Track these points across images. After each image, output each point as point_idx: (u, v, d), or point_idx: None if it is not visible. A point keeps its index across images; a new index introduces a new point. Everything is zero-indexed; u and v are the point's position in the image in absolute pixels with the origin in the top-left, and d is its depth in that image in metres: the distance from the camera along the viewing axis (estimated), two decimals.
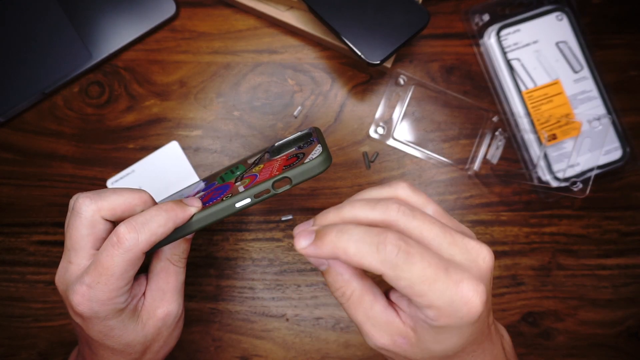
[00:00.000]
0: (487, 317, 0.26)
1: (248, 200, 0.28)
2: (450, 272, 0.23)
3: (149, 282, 0.32)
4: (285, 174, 0.28)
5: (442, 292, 0.23)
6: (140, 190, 0.31)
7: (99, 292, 0.28)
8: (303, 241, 0.25)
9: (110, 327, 0.29)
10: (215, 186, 0.33)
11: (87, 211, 0.29)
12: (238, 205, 0.29)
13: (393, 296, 0.27)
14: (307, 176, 0.28)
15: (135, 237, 0.27)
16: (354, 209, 0.26)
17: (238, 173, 0.34)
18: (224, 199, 0.29)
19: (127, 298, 0.29)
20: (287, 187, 0.28)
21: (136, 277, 0.32)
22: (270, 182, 0.28)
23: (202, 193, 0.33)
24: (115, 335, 0.30)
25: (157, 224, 0.28)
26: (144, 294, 0.32)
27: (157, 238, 0.28)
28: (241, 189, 0.29)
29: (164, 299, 0.31)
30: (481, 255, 0.25)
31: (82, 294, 0.28)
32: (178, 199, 0.31)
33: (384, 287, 0.28)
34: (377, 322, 0.26)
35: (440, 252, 0.25)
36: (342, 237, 0.24)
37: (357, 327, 0.28)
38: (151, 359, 0.32)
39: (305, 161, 0.28)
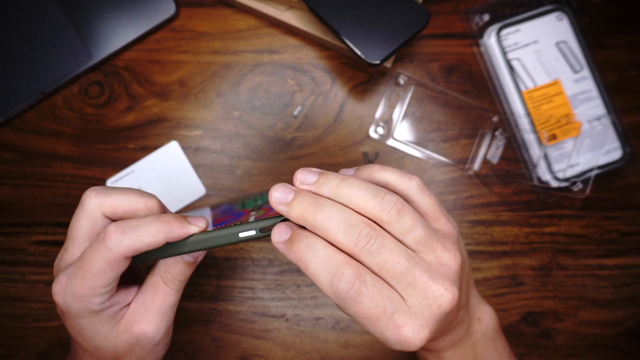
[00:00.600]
0: (457, 307, 0.28)
1: (252, 233, 0.26)
2: (394, 317, 0.24)
3: (138, 294, 0.30)
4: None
5: (381, 331, 0.24)
6: (149, 195, 0.30)
7: (74, 286, 0.27)
8: (278, 236, 0.26)
9: (80, 326, 0.28)
10: (233, 211, 0.32)
11: (90, 204, 0.29)
12: (242, 235, 0.27)
13: None
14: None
15: (120, 238, 0.26)
16: (351, 196, 0.26)
17: (259, 202, 0.32)
18: (231, 225, 0.27)
19: (104, 301, 0.28)
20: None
21: (127, 285, 0.30)
22: (280, 218, 0.26)
23: (219, 215, 0.32)
24: (85, 335, 0.29)
25: (146, 232, 0.27)
26: (129, 304, 0.30)
27: (143, 246, 0.27)
28: (252, 219, 0.28)
29: (144, 316, 0.29)
30: (437, 302, 0.25)
31: (61, 284, 0.27)
32: (199, 216, 0.29)
33: None
34: None
35: (396, 289, 0.25)
36: (308, 253, 0.25)
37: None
38: None
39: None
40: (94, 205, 0.28)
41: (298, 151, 0.46)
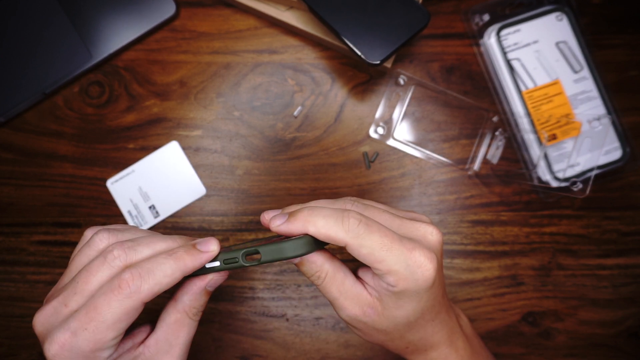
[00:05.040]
0: (440, 287, 0.29)
1: (217, 263, 0.27)
2: (404, 242, 0.27)
3: (157, 330, 0.29)
4: (257, 247, 0.26)
5: (398, 257, 0.27)
6: (176, 239, 0.28)
7: (82, 342, 0.24)
8: (278, 221, 0.27)
9: None
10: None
11: (111, 257, 0.26)
12: (208, 265, 0.27)
13: (360, 272, 0.30)
14: (276, 256, 0.26)
15: (139, 284, 0.25)
16: (318, 203, 0.30)
17: (248, 244, 0.32)
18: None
19: (112, 354, 0.26)
20: (255, 263, 0.26)
21: (135, 329, 0.29)
22: (240, 252, 0.27)
23: None
24: None
25: (162, 274, 0.26)
26: (143, 343, 0.28)
27: (162, 288, 0.26)
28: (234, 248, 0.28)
29: (169, 352, 0.28)
30: (428, 231, 0.29)
31: (63, 344, 0.25)
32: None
33: (351, 267, 0.31)
34: (349, 295, 0.29)
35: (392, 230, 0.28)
36: (312, 213, 0.27)
37: (331, 303, 0.30)
38: None
39: (284, 240, 0.26)
40: (118, 259, 0.26)
41: (298, 151, 0.46)
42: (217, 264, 0.27)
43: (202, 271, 0.28)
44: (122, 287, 0.25)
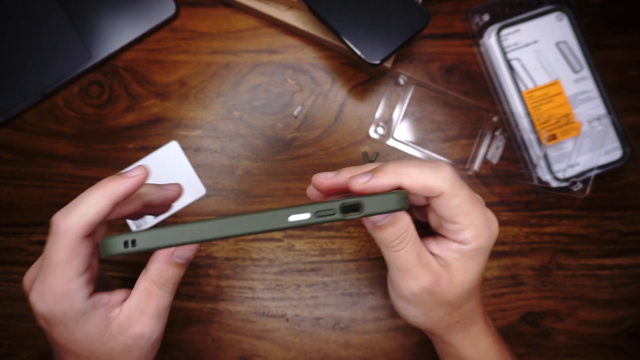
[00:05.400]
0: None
1: (306, 215, 0.23)
2: (479, 199, 0.29)
3: (131, 297, 0.29)
4: (358, 199, 0.24)
5: (480, 211, 0.28)
6: (102, 187, 0.28)
7: (50, 287, 0.27)
8: (362, 178, 0.26)
9: (70, 331, 0.28)
10: None
11: (61, 228, 0.27)
12: (293, 218, 0.23)
13: (424, 242, 0.30)
14: (381, 208, 0.24)
15: (65, 220, 0.26)
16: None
17: None
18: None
19: (85, 297, 0.27)
20: (358, 214, 0.24)
21: (116, 289, 0.30)
22: (338, 203, 0.24)
23: None
24: (77, 340, 0.28)
25: (87, 204, 0.26)
26: (121, 306, 0.29)
27: (92, 218, 0.26)
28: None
29: (139, 319, 0.29)
30: (494, 224, 0.30)
31: (37, 292, 0.27)
32: None
33: None
34: (424, 262, 0.29)
35: None
36: (403, 164, 0.27)
37: (402, 275, 0.29)
38: None
39: (383, 193, 0.25)
40: (65, 228, 0.27)
41: (298, 151, 0.46)
42: (306, 215, 0.23)
43: (283, 224, 0.24)
44: (53, 227, 0.26)
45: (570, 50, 0.45)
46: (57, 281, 0.26)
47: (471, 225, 0.28)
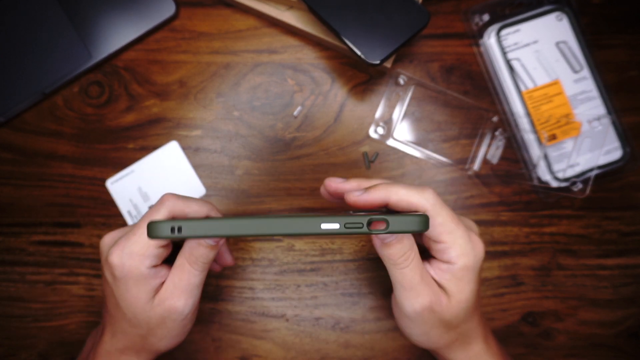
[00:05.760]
0: (480, 278, 0.33)
1: (336, 226, 0.26)
2: (462, 220, 0.32)
3: (170, 273, 0.33)
4: (384, 216, 0.26)
5: (463, 232, 0.30)
6: (208, 203, 0.34)
7: (132, 244, 0.31)
8: (356, 193, 0.31)
9: (127, 288, 0.31)
10: None
11: (166, 205, 0.32)
12: (324, 226, 0.26)
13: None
14: (404, 227, 0.26)
15: (174, 200, 0.31)
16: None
17: None
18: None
19: (152, 265, 0.31)
20: (382, 230, 0.26)
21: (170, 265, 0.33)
22: (366, 218, 0.26)
23: None
24: (127, 299, 0.31)
25: (194, 203, 0.32)
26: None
27: (190, 212, 0.32)
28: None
29: (173, 292, 0.32)
30: (478, 246, 0.32)
31: (118, 247, 0.31)
32: None
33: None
34: (426, 281, 0.31)
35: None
36: (393, 185, 0.30)
37: (405, 292, 0.31)
38: (154, 344, 0.34)
39: (405, 214, 0.27)
40: (170, 207, 0.32)
41: (298, 151, 0.46)
42: (336, 226, 0.26)
43: (316, 230, 0.26)
44: (163, 200, 0.31)
45: (570, 50, 0.45)
46: (138, 243, 0.31)
47: (455, 244, 0.30)
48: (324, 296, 0.45)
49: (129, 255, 0.31)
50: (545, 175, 0.44)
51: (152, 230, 0.27)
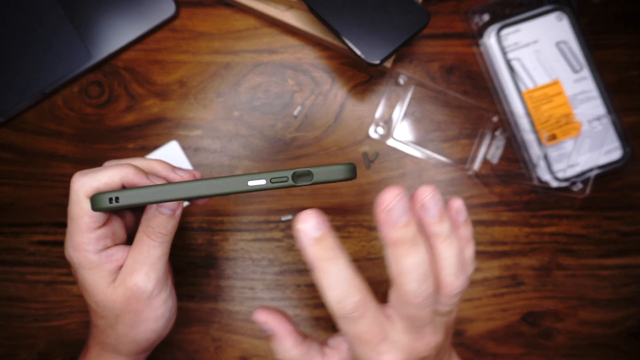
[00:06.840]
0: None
1: (262, 182, 0.27)
2: (382, 344, 0.26)
3: (130, 250, 0.32)
4: (308, 168, 0.27)
5: (365, 355, 0.27)
6: (123, 165, 0.30)
7: (70, 238, 0.30)
8: (311, 230, 0.26)
9: (84, 278, 0.31)
10: None
11: (74, 187, 0.30)
12: (251, 183, 0.27)
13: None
14: (328, 177, 0.27)
15: (79, 181, 0.29)
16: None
17: None
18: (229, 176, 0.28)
19: (99, 250, 0.30)
20: (307, 183, 0.27)
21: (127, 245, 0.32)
22: (290, 172, 0.27)
23: None
24: (87, 289, 0.31)
25: (102, 174, 0.29)
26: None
27: (100, 185, 0.29)
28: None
29: (134, 268, 0.31)
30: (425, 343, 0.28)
31: (65, 242, 0.31)
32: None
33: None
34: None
35: (402, 314, 0.27)
36: (330, 266, 0.26)
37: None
38: (126, 334, 0.32)
39: (330, 164, 0.28)
40: (76, 187, 0.30)
41: (298, 151, 0.46)
42: (262, 181, 0.27)
43: (243, 187, 0.27)
44: (70, 184, 0.30)
45: (570, 50, 0.45)
46: (74, 233, 0.30)
47: (355, 357, 0.28)
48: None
49: (72, 247, 0.30)
50: (545, 175, 0.44)
51: (94, 203, 0.28)
